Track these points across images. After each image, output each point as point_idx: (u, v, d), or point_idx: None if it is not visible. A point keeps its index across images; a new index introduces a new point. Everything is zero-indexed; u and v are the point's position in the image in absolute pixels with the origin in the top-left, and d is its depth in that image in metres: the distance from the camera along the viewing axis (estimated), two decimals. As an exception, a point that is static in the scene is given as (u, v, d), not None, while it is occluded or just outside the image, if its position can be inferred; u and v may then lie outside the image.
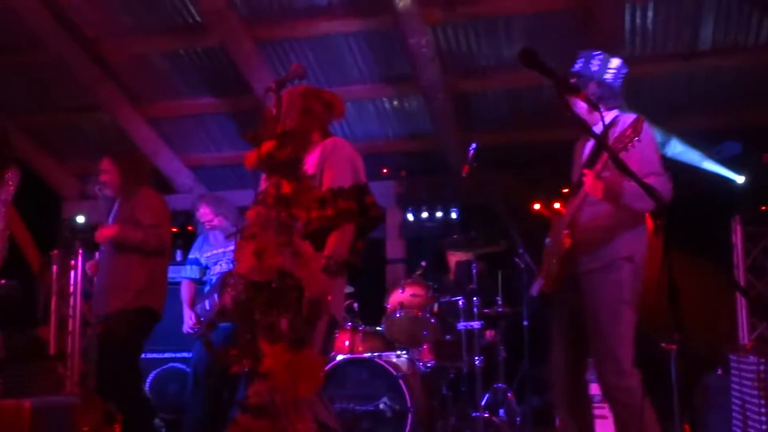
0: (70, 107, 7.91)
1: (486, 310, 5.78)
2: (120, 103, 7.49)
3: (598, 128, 3.37)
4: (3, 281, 4.02)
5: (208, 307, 5.30)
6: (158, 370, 6.24)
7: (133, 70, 7.29)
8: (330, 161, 3.43)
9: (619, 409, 3.34)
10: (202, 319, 5.33)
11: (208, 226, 5.47)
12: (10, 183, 6.33)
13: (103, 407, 5.86)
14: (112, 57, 7.12)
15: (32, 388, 5.34)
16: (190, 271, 5.52)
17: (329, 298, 3.25)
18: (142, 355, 6.33)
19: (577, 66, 3.60)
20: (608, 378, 3.35)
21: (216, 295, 5.22)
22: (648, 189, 2.78)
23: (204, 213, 5.44)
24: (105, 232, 4.57)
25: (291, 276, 2.83)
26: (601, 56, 3.57)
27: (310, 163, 3.44)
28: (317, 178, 3.39)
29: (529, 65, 2.79)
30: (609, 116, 3.48)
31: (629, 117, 3.37)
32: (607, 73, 3.55)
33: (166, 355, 6.06)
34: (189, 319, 5.38)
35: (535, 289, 3.69)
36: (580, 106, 3.38)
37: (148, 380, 6.20)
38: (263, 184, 2.91)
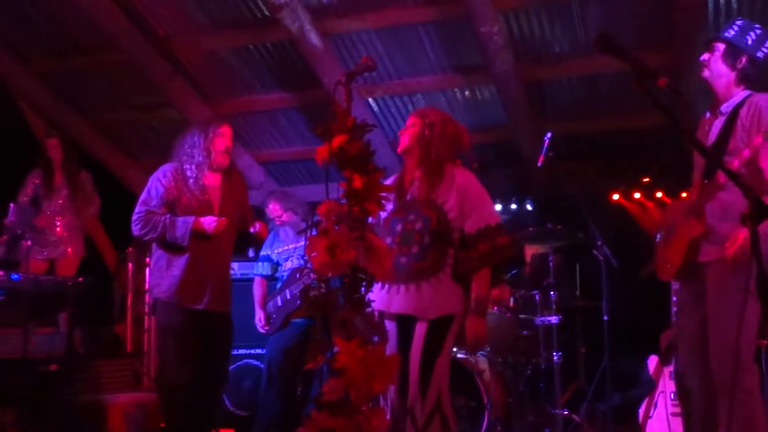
0: (142, 105, 8.12)
1: (564, 305, 5.70)
2: (191, 100, 7.64)
3: (729, 105, 3.27)
4: (81, 279, 4.14)
5: (279, 304, 5.37)
6: (232, 366, 6.35)
7: (203, 67, 7.43)
8: (472, 199, 3.57)
9: (736, 408, 3.19)
10: (273, 316, 5.40)
11: (278, 222, 5.54)
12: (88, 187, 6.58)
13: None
14: (183, 54, 7.27)
15: (110, 384, 5.50)
16: (262, 268, 5.60)
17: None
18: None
19: (731, 33, 3.38)
20: (724, 373, 3.22)
21: (288, 292, 5.29)
22: None
23: (273, 209, 5.52)
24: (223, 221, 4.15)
25: (364, 271, 2.85)
26: (759, 31, 3.37)
27: (443, 191, 3.55)
28: (452, 209, 3.52)
29: (606, 50, 2.73)
30: (741, 95, 3.35)
31: (763, 97, 3.25)
32: (761, 50, 3.37)
33: (240, 351, 6.17)
34: (259, 320, 5.47)
35: (644, 272, 3.63)
36: (719, 74, 3.27)
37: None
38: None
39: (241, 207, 4.36)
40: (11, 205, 5.83)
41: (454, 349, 5.33)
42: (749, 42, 3.34)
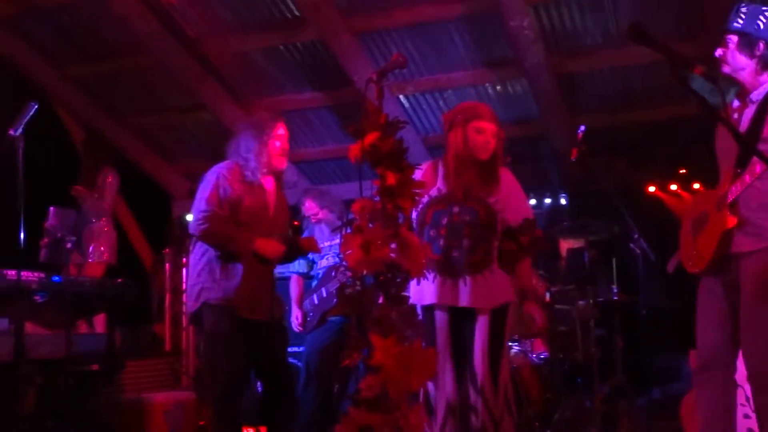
0: (175, 107, 8.20)
1: (600, 299, 5.66)
2: (223, 101, 7.70)
3: (759, 93, 3.22)
4: (119, 280, 4.20)
5: (316, 302, 5.39)
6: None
7: (234, 68, 7.49)
8: (514, 193, 3.74)
9: None
10: (310, 314, 5.43)
11: (313, 220, 5.57)
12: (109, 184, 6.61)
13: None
14: (214, 56, 7.33)
15: (150, 383, 5.57)
16: (299, 266, 5.62)
17: None
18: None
19: (739, 22, 3.28)
20: (764, 370, 3.15)
21: (324, 290, 5.31)
22: None
23: (309, 207, 5.55)
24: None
25: (399, 267, 2.86)
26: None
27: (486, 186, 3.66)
28: (497, 202, 3.64)
29: (639, 41, 2.70)
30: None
31: None
32: None
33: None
34: (295, 318, 5.50)
35: (671, 266, 3.58)
36: (740, 67, 3.22)
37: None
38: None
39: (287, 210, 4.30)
40: (51, 208, 5.93)
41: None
42: (762, 27, 3.23)
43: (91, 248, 6.30)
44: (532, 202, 7.48)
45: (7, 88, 6.78)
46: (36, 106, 3.66)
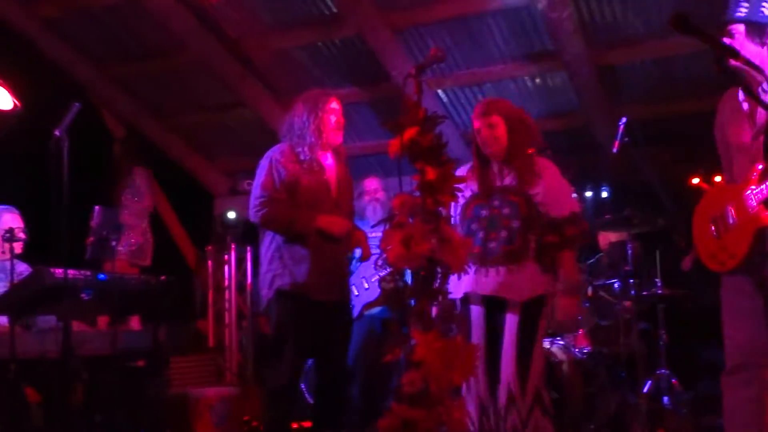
0: (216, 106, 8.28)
1: (644, 292, 5.59)
2: (263, 99, 7.75)
3: None
4: (163, 277, 4.25)
5: (356, 293, 5.34)
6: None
7: (274, 66, 7.53)
8: (557, 185, 3.70)
9: None
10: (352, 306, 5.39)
11: (372, 197, 5.53)
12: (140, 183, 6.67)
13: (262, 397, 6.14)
14: (254, 54, 7.38)
15: (194, 379, 5.64)
16: None
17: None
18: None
19: (742, 12, 3.22)
20: None
21: (365, 280, 5.25)
22: None
23: (371, 183, 5.56)
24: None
25: (439, 262, 2.86)
26: None
27: (527, 178, 3.63)
28: (538, 195, 3.61)
29: (682, 30, 2.65)
30: None
31: None
32: None
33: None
34: None
35: (687, 264, 3.54)
36: (751, 56, 3.13)
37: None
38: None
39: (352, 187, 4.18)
40: (96, 207, 6.01)
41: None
42: (766, 12, 3.15)
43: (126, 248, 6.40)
44: (573, 195, 7.40)
45: (52, 88, 6.90)
46: (79, 106, 3.72)
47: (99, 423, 4.15)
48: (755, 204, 3.10)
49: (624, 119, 5.08)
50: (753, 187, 3.11)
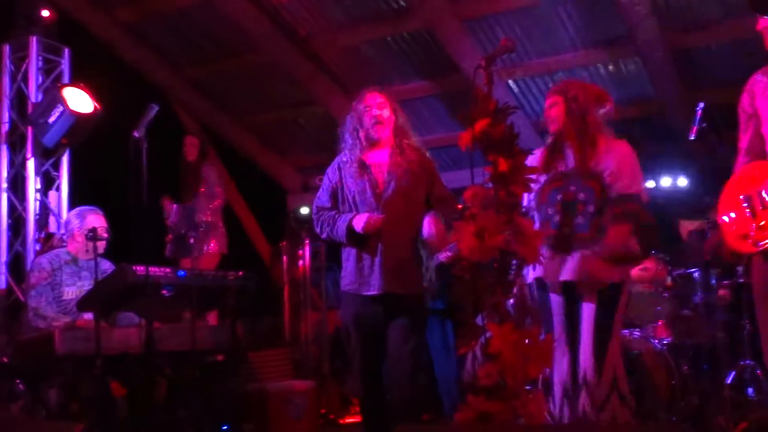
0: (288, 104, 8.39)
1: (725, 281, 5.43)
2: (333, 96, 7.81)
3: None
4: (240, 273, 4.32)
5: None
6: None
7: (343, 62, 7.58)
8: (625, 165, 3.55)
9: None
10: None
11: None
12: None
13: (339, 390, 6.19)
14: (324, 52, 7.44)
15: (272, 373, 5.70)
16: None
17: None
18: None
19: None
20: None
21: None
22: None
23: None
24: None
25: (514, 255, 2.83)
26: None
27: (600, 159, 3.53)
28: (610, 175, 3.51)
29: (761, 10, 2.57)
30: None
31: None
32: None
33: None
34: None
35: (709, 247, 3.39)
36: None
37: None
38: None
39: (420, 179, 3.89)
40: (174, 205, 6.16)
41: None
42: None
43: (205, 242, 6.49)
44: (650, 184, 7.26)
45: (131, 91, 7.09)
46: (157, 108, 3.80)
47: (182, 417, 4.24)
48: None
49: (701, 104, 4.94)
50: None
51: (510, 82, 7.42)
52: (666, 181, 7.39)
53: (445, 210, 3.85)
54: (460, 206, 4.10)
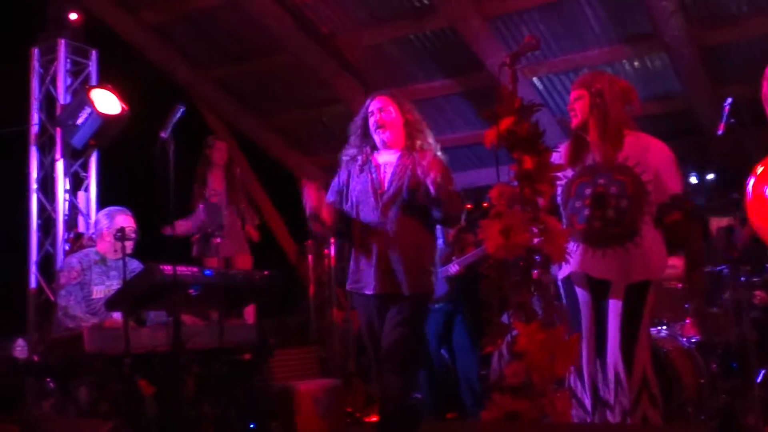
0: (312, 103, 8.41)
1: (755, 278, 5.37)
2: (357, 94, 7.82)
3: None
4: (266, 272, 4.33)
5: None
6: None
7: (367, 61, 7.59)
8: (665, 162, 3.52)
9: None
10: None
11: None
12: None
13: (364, 389, 6.20)
14: (347, 50, 7.46)
15: (298, 371, 5.72)
16: None
17: None
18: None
19: None
20: None
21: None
22: None
23: None
24: None
25: (540, 252, 2.82)
26: None
27: (631, 154, 3.49)
28: (646, 172, 3.46)
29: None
30: None
31: None
32: None
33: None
34: None
35: (743, 238, 3.35)
36: None
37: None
38: None
39: (420, 180, 3.79)
40: (200, 205, 6.19)
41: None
42: None
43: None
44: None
45: (157, 92, 7.15)
46: (183, 109, 3.82)
47: (209, 415, 4.27)
48: None
49: (729, 100, 4.89)
50: None
51: (534, 79, 7.39)
52: (693, 178, 7.32)
53: (438, 206, 3.74)
54: (485, 204, 4.10)
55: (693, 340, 5.33)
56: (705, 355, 5.27)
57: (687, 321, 5.46)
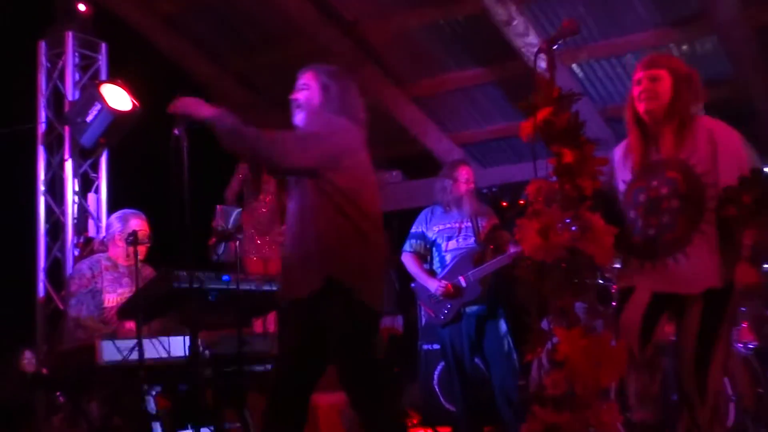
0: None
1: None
2: (383, 85, 7.81)
3: None
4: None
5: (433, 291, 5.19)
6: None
7: (394, 49, 7.56)
8: (726, 145, 3.38)
9: None
10: (448, 306, 5.12)
11: (468, 187, 5.27)
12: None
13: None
14: (372, 38, 7.43)
15: (322, 383, 5.72)
16: (416, 246, 5.32)
17: None
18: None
19: None
20: None
21: (461, 279, 5.07)
22: None
23: (467, 172, 5.25)
24: None
25: (582, 253, 2.78)
26: None
27: (688, 144, 3.35)
28: (701, 162, 3.32)
29: None
30: None
31: None
32: None
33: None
34: (440, 288, 5.09)
35: None
36: None
37: (436, 373, 6.38)
38: None
39: None
40: (217, 207, 6.22)
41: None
42: None
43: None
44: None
45: (171, 86, 7.17)
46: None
47: (228, 427, 4.28)
48: None
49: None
50: None
51: (574, 66, 7.32)
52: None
53: None
54: (522, 202, 4.08)
55: (750, 346, 5.27)
56: (763, 363, 5.20)
57: (743, 325, 5.39)
